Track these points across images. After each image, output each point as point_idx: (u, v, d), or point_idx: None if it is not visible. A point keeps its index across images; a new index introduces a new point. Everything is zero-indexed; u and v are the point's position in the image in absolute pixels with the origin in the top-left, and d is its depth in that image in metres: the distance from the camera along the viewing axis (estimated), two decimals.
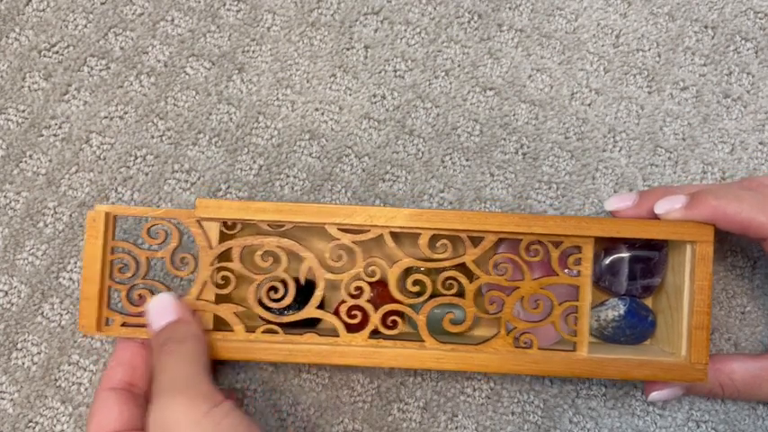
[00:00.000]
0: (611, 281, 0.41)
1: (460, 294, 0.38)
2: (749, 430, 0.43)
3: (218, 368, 0.43)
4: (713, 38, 0.48)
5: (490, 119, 0.46)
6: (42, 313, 0.43)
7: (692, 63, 0.47)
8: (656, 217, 0.38)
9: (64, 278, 0.43)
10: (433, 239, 0.37)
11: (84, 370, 0.42)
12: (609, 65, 0.47)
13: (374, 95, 0.46)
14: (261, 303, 0.38)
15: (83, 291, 0.37)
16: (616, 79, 0.47)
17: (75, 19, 0.46)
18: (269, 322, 0.38)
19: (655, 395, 0.40)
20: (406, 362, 0.37)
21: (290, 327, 0.38)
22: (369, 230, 0.37)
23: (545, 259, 0.41)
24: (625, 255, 0.40)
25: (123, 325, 0.37)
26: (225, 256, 0.38)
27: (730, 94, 0.47)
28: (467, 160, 0.45)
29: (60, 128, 0.45)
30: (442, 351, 0.37)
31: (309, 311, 0.37)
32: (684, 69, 0.47)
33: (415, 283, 0.37)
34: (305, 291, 0.38)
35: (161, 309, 0.36)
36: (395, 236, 0.37)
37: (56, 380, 0.42)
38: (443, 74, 0.47)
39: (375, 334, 0.37)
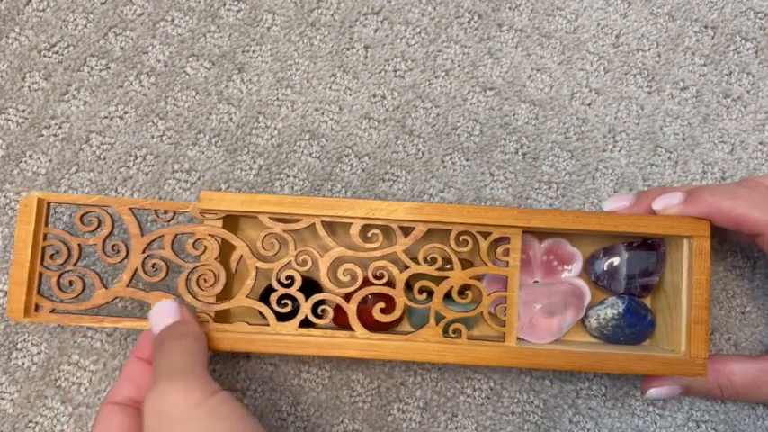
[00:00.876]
0: (609, 280, 0.41)
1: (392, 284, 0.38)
2: (749, 430, 0.43)
3: (218, 368, 0.43)
4: (713, 38, 0.48)
5: (490, 119, 0.46)
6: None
7: (692, 63, 0.47)
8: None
9: (64, 278, 0.43)
10: (365, 229, 0.37)
11: (84, 370, 0.42)
12: (609, 65, 0.47)
13: (374, 95, 0.46)
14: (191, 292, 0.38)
15: (12, 275, 0.37)
16: (616, 79, 0.47)
17: (75, 19, 0.46)
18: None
19: (652, 392, 0.40)
20: (406, 354, 0.37)
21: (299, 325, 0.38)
22: (300, 220, 0.37)
23: (543, 261, 0.41)
24: (623, 254, 0.40)
25: (52, 311, 0.37)
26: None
27: (730, 94, 0.47)
28: (467, 160, 0.45)
29: (60, 128, 0.45)
30: (443, 345, 0.37)
31: (240, 300, 0.38)
32: (684, 69, 0.47)
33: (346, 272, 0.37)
34: (308, 288, 0.38)
35: (162, 313, 0.36)
36: (328, 226, 0.38)
37: (56, 380, 0.42)
38: (443, 74, 0.47)
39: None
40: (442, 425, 0.43)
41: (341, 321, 0.40)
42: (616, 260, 0.41)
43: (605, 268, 0.41)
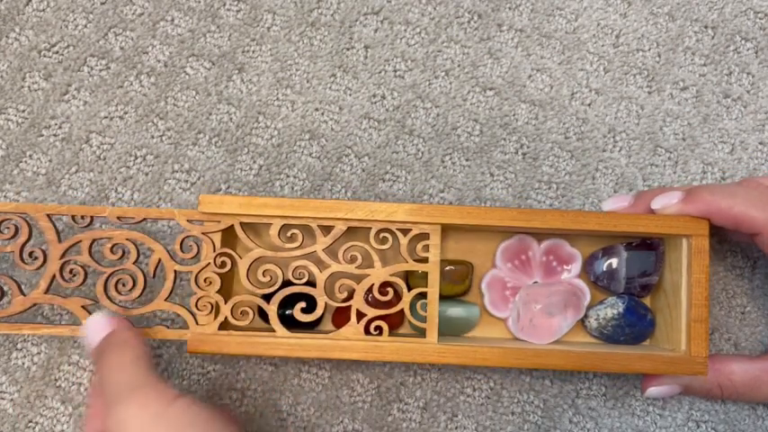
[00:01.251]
0: (609, 281, 0.41)
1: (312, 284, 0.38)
2: (749, 430, 0.43)
3: (218, 368, 0.43)
4: (713, 38, 0.48)
5: (490, 119, 0.46)
6: (42, 313, 0.43)
7: (692, 63, 0.47)
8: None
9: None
10: (285, 229, 0.37)
11: (84, 370, 0.42)
12: (609, 65, 0.47)
13: (374, 95, 0.46)
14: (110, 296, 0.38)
15: None
16: (616, 79, 0.47)
17: (75, 19, 0.46)
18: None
19: (652, 391, 0.40)
20: (407, 356, 0.37)
21: (297, 327, 0.38)
22: (219, 221, 0.37)
23: (542, 261, 0.41)
24: (623, 254, 0.40)
25: None
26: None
27: (730, 94, 0.47)
28: (467, 160, 0.45)
29: (60, 128, 0.45)
30: (444, 346, 0.37)
31: (159, 304, 0.37)
32: (684, 69, 0.47)
33: (265, 273, 0.37)
34: (311, 301, 0.39)
35: (95, 327, 0.36)
36: (248, 227, 0.37)
37: (56, 380, 0.42)
38: (443, 74, 0.47)
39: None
40: (442, 425, 0.43)
41: (339, 324, 0.40)
42: (615, 260, 0.41)
43: (604, 268, 0.41)
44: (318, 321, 0.41)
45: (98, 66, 0.46)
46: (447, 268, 0.40)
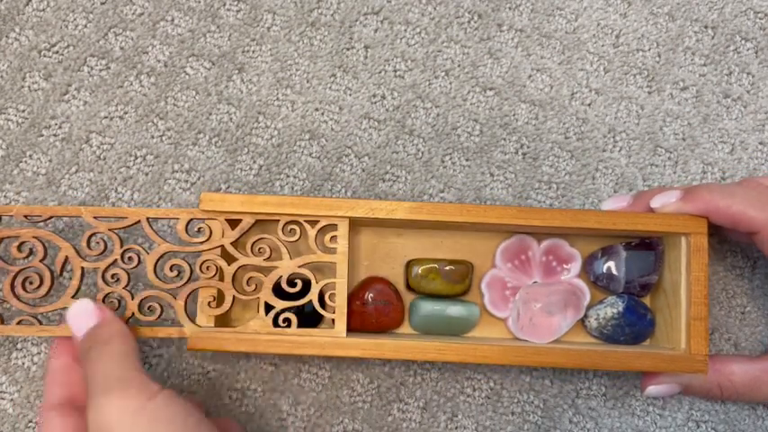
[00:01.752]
0: (608, 280, 0.41)
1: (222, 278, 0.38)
2: (749, 430, 0.43)
3: (218, 368, 0.43)
4: (713, 38, 0.48)
5: (490, 119, 0.46)
6: (42, 313, 0.43)
7: (692, 63, 0.47)
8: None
9: (64, 278, 0.43)
10: (191, 224, 0.38)
11: None
12: (609, 65, 0.47)
13: (374, 95, 0.46)
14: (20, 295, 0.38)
15: None
16: (616, 79, 0.47)
17: (75, 19, 0.46)
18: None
19: (651, 389, 0.40)
20: (407, 354, 0.37)
21: (306, 325, 0.38)
22: (126, 218, 0.37)
23: (542, 261, 0.41)
24: (622, 254, 0.41)
25: None
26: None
27: (730, 94, 0.47)
28: (467, 160, 0.45)
29: (60, 128, 0.45)
30: (444, 343, 0.37)
31: (65, 301, 0.37)
32: (684, 69, 0.47)
33: (172, 267, 0.38)
34: (310, 318, 0.38)
35: (80, 315, 0.35)
36: (155, 222, 0.38)
37: None
38: (443, 74, 0.47)
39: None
40: (442, 425, 0.43)
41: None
42: (615, 260, 0.41)
43: (604, 269, 0.41)
44: (320, 319, 0.41)
45: (98, 66, 0.46)
46: (447, 268, 0.40)
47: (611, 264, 0.41)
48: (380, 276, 0.41)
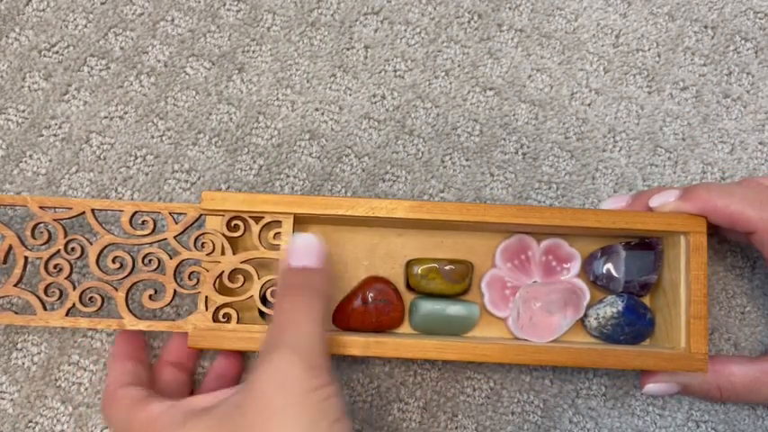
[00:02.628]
0: (608, 280, 0.41)
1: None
2: (749, 430, 0.43)
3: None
4: (713, 38, 0.48)
5: (490, 119, 0.46)
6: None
7: (691, 63, 0.47)
8: None
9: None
10: (135, 216, 0.38)
11: (85, 370, 0.42)
12: (609, 65, 0.47)
13: (374, 95, 0.46)
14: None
15: None
16: (616, 79, 0.47)
17: (75, 19, 0.46)
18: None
19: (650, 387, 0.40)
20: (407, 352, 0.37)
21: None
22: (71, 209, 0.37)
23: (542, 261, 0.41)
24: (621, 254, 0.41)
25: None
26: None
27: (730, 94, 0.47)
28: (467, 160, 0.45)
29: (60, 128, 0.45)
30: (443, 342, 0.37)
31: (7, 289, 0.38)
32: (684, 69, 0.47)
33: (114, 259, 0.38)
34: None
35: (307, 248, 0.34)
36: (99, 214, 0.38)
37: (56, 380, 0.42)
38: (443, 74, 0.47)
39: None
40: (442, 425, 0.43)
41: (342, 324, 0.40)
42: (614, 260, 0.41)
43: (603, 268, 0.41)
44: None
45: (98, 66, 0.46)
46: (447, 267, 0.40)
47: (610, 263, 0.41)
48: (380, 276, 0.41)
